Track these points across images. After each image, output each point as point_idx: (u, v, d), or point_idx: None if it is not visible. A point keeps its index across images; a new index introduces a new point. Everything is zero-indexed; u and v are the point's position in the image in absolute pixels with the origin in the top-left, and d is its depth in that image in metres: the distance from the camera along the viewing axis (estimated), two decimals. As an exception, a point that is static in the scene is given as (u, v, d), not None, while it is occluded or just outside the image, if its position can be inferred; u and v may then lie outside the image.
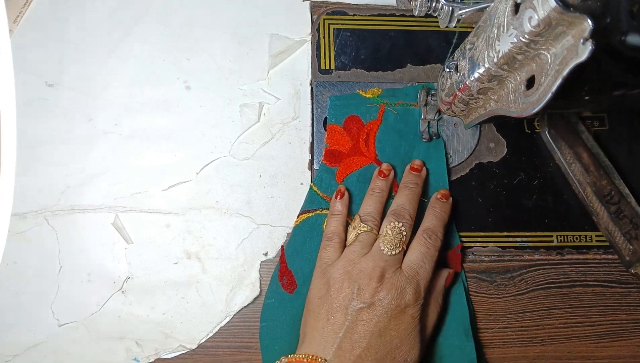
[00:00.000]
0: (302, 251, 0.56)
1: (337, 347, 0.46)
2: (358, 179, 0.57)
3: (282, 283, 0.55)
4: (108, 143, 0.58)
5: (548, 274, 0.58)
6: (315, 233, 0.56)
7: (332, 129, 0.58)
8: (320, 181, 0.57)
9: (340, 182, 0.57)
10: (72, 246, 0.56)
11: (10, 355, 0.54)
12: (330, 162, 0.57)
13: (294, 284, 0.55)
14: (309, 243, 0.56)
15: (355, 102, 0.59)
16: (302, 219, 0.57)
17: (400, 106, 0.59)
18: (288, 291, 0.55)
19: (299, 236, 0.56)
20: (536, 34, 0.33)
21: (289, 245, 0.56)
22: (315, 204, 0.57)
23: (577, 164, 0.57)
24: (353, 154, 0.58)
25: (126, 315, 0.55)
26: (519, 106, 0.38)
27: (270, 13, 0.60)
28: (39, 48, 0.59)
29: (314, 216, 0.57)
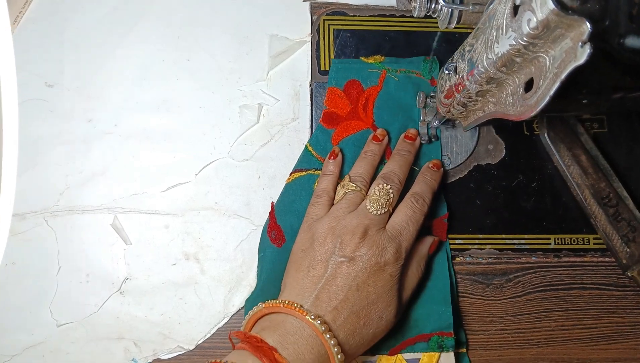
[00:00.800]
0: (291, 208, 0.57)
1: (314, 297, 0.47)
2: (354, 144, 0.58)
3: (271, 237, 0.56)
4: (107, 144, 0.58)
5: (545, 276, 0.58)
6: (306, 192, 0.57)
7: (332, 92, 0.59)
8: (316, 142, 0.58)
9: (336, 145, 0.58)
10: (71, 247, 0.56)
11: (9, 355, 0.54)
12: (328, 124, 0.58)
13: (282, 239, 0.56)
14: (298, 201, 0.57)
15: (357, 67, 0.59)
16: (294, 177, 0.58)
17: (402, 73, 0.59)
18: (276, 245, 0.56)
19: (290, 193, 0.57)
20: (535, 37, 0.33)
21: (279, 202, 0.57)
22: (308, 164, 0.58)
23: (576, 167, 0.57)
24: (351, 118, 0.58)
25: (124, 316, 0.55)
26: (518, 109, 0.38)
27: (270, 13, 0.60)
28: (39, 48, 0.59)
29: (306, 175, 0.58)
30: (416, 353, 0.54)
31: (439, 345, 0.54)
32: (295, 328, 0.45)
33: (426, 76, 0.59)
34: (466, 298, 0.57)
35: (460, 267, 0.58)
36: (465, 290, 0.57)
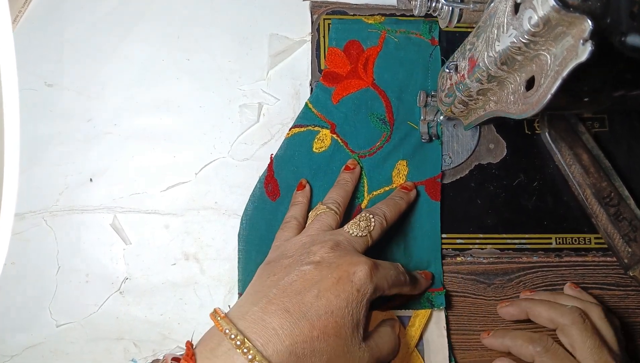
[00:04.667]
0: (289, 163, 0.57)
1: (267, 300, 0.42)
2: (354, 102, 0.58)
3: (267, 190, 0.57)
4: (107, 143, 0.58)
5: (546, 276, 0.58)
6: (305, 148, 0.58)
7: (332, 52, 0.59)
8: (316, 100, 0.58)
9: (336, 103, 0.58)
10: (71, 247, 0.56)
11: (8, 356, 0.54)
12: (328, 82, 0.59)
13: (277, 193, 0.57)
14: (297, 157, 0.57)
15: (357, 27, 0.60)
16: (293, 132, 0.58)
17: (402, 33, 0.60)
18: (271, 198, 0.57)
19: (289, 148, 0.58)
20: (536, 35, 0.33)
21: (277, 155, 0.58)
22: (308, 120, 0.58)
23: (577, 166, 0.57)
24: (351, 78, 0.59)
25: (124, 316, 0.55)
26: (519, 107, 0.38)
27: (270, 13, 0.60)
28: (39, 48, 0.59)
29: (305, 131, 0.58)
30: (408, 311, 0.55)
31: (430, 302, 0.55)
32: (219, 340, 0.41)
33: (426, 36, 0.60)
34: (467, 298, 0.57)
35: (461, 267, 0.57)
36: (466, 289, 0.57)
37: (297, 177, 0.57)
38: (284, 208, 0.55)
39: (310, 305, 0.42)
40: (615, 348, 0.51)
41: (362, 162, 0.58)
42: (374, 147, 0.58)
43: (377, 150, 0.58)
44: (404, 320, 0.55)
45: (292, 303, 0.42)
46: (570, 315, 0.51)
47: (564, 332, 0.51)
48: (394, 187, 0.57)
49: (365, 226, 0.49)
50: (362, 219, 0.49)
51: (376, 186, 0.57)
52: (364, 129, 0.58)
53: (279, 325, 0.41)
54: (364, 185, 0.57)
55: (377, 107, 0.58)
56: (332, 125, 0.58)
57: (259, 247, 0.55)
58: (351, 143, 0.58)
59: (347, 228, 0.49)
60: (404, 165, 0.58)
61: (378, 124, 0.58)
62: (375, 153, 0.58)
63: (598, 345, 0.49)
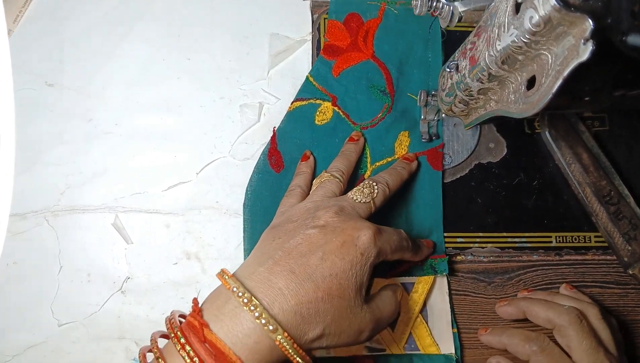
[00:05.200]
0: (292, 136, 0.58)
1: (273, 262, 0.43)
2: (354, 75, 0.59)
3: (271, 162, 0.57)
4: (108, 143, 0.58)
5: (546, 275, 0.58)
6: (307, 121, 0.58)
7: (332, 25, 0.59)
8: (317, 73, 0.59)
9: (337, 76, 0.59)
10: (72, 247, 0.56)
11: (10, 355, 0.54)
12: (328, 55, 0.59)
13: (281, 165, 0.57)
14: (299, 130, 0.58)
15: (356, 0, 0.60)
16: (295, 106, 0.59)
17: (401, 5, 0.60)
18: (275, 170, 0.57)
19: (291, 121, 0.58)
20: (537, 34, 0.33)
21: (280, 128, 0.58)
22: (309, 93, 0.59)
23: (577, 165, 0.57)
24: (351, 50, 0.59)
25: (126, 315, 0.55)
26: (520, 107, 0.38)
27: (270, 12, 0.60)
28: (39, 48, 0.59)
29: (307, 104, 0.59)
30: (411, 277, 0.56)
31: (433, 268, 0.56)
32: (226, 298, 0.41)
33: None
34: (468, 296, 0.57)
35: (461, 265, 0.58)
36: (466, 288, 0.57)
37: (300, 149, 0.58)
38: (287, 179, 0.56)
39: (315, 267, 0.43)
40: (612, 349, 0.51)
41: (364, 134, 0.58)
42: (376, 118, 0.59)
43: (379, 121, 0.59)
44: (407, 287, 0.56)
45: (298, 264, 0.43)
46: (567, 315, 0.51)
47: (560, 333, 0.52)
48: (396, 158, 0.58)
49: (369, 193, 0.49)
50: (366, 187, 0.50)
51: (379, 157, 0.58)
52: (365, 101, 0.59)
53: (284, 285, 0.41)
54: (367, 156, 0.58)
55: (377, 79, 0.59)
56: (334, 98, 0.59)
57: (264, 217, 0.56)
58: (352, 115, 0.59)
59: (351, 195, 0.49)
60: (406, 136, 0.59)
61: (379, 96, 0.59)
62: (377, 125, 0.59)
63: (594, 346, 0.50)
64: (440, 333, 0.56)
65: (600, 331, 0.52)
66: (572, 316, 0.51)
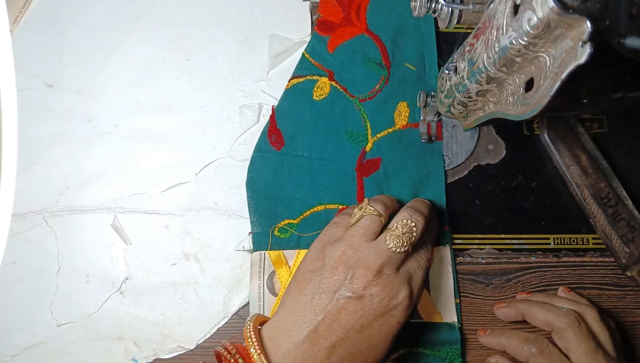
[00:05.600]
0: (291, 113, 0.59)
1: (312, 329, 0.45)
2: (349, 49, 0.60)
3: (271, 140, 0.58)
4: (107, 144, 0.58)
5: (544, 276, 0.58)
6: (305, 97, 0.59)
7: (325, 1, 0.60)
8: (312, 49, 0.60)
9: (332, 51, 0.59)
10: (71, 247, 0.56)
11: (9, 355, 0.54)
12: (323, 31, 0.60)
13: (281, 142, 0.58)
14: (298, 107, 0.59)
15: None
16: (292, 83, 0.59)
17: None
18: (275, 148, 0.58)
19: (289, 99, 0.59)
20: (535, 36, 0.33)
21: (279, 106, 0.59)
22: (306, 70, 0.59)
23: (575, 167, 0.57)
24: (345, 25, 0.60)
25: (125, 316, 0.55)
26: (518, 109, 0.38)
27: (270, 13, 0.61)
28: (39, 48, 0.59)
29: (304, 81, 0.59)
30: None
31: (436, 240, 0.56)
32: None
33: None
34: (466, 298, 0.57)
35: (460, 267, 0.58)
36: (465, 289, 0.57)
37: (300, 125, 0.58)
38: (289, 156, 0.58)
39: (354, 340, 0.45)
40: (611, 351, 0.51)
41: (363, 106, 0.59)
42: (374, 90, 0.59)
43: (377, 93, 0.59)
44: None
45: (338, 337, 0.45)
46: (566, 318, 0.51)
47: (559, 335, 0.52)
48: (397, 128, 0.59)
49: (408, 239, 0.47)
50: (405, 232, 0.47)
51: (379, 128, 0.59)
52: (362, 74, 0.59)
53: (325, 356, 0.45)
54: (367, 128, 0.59)
55: (372, 52, 0.60)
56: (330, 73, 0.59)
57: (267, 193, 0.57)
58: (350, 88, 0.59)
59: (390, 242, 0.47)
60: (405, 106, 0.59)
61: (375, 68, 0.59)
62: (375, 96, 0.59)
63: (593, 349, 0.50)
64: (443, 303, 0.56)
65: (598, 333, 0.52)
66: (570, 318, 0.51)
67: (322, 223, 0.56)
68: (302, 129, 0.58)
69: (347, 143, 0.58)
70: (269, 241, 0.56)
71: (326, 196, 0.58)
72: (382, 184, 0.58)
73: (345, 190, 0.58)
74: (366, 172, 0.58)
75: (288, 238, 0.57)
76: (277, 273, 0.56)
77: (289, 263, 0.56)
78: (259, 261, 0.56)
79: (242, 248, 0.57)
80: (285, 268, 0.56)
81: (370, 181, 0.58)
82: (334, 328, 0.45)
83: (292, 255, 0.56)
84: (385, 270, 0.46)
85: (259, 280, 0.56)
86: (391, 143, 0.58)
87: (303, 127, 0.58)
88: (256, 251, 0.56)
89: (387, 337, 0.46)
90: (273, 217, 0.57)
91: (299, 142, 0.58)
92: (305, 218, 0.57)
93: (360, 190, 0.58)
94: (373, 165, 0.58)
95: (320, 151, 0.58)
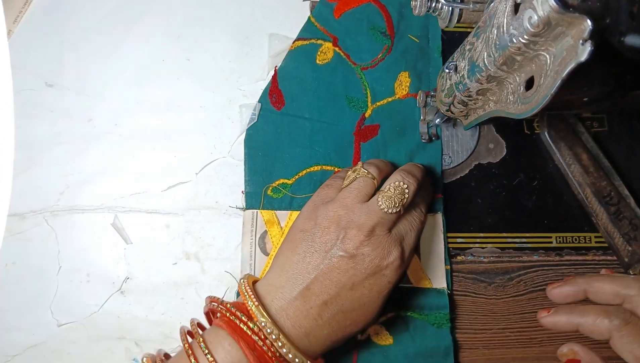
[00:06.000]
0: (293, 74, 0.59)
1: (305, 287, 0.45)
2: (355, 17, 0.60)
3: (272, 100, 0.58)
4: (107, 143, 0.58)
5: (547, 275, 0.58)
6: (308, 60, 0.60)
7: None
8: (319, 14, 0.60)
9: (338, 17, 0.60)
10: (72, 247, 0.56)
11: (10, 355, 0.54)
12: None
13: (282, 102, 0.58)
14: (300, 68, 0.59)
15: None
16: (296, 45, 0.60)
17: None
18: (276, 107, 0.59)
19: (292, 60, 0.60)
20: (535, 35, 0.33)
21: (281, 67, 0.59)
22: (311, 33, 0.60)
23: (577, 165, 0.57)
24: None
25: (125, 316, 0.55)
26: (518, 107, 0.38)
27: (270, 13, 0.60)
28: (39, 48, 0.59)
29: (308, 44, 0.60)
30: None
31: None
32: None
33: None
34: (468, 297, 0.57)
35: (461, 266, 0.57)
36: (466, 288, 0.57)
37: (302, 87, 0.59)
38: (289, 117, 0.58)
39: (345, 298, 0.45)
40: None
41: (364, 74, 0.59)
42: (376, 59, 0.60)
43: (379, 62, 0.59)
44: None
45: (329, 295, 0.45)
46: (637, 282, 0.48)
47: (633, 303, 0.48)
48: (397, 98, 0.59)
49: (400, 201, 0.47)
50: (397, 193, 0.48)
51: (379, 97, 0.59)
52: (366, 42, 0.60)
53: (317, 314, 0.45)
54: (367, 96, 0.59)
55: (378, 21, 0.60)
56: (334, 38, 0.60)
57: (265, 151, 0.58)
58: (353, 56, 0.60)
59: (382, 203, 0.47)
60: (406, 76, 0.59)
61: (379, 37, 0.60)
62: (377, 65, 0.59)
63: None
64: (433, 270, 0.56)
65: None
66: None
67: (316, 184, 0.56)
68: (303, 92, 0.59)
69: (346, 108, 0.59)
70: (262, 200, 0.57)
71: (323, 157, 0.58)
72: (379, 150, 0.58)
73: (342, 153, 0.58)
74: (364, 137, 0.58)
75: (281, 198, 0.57)
76: (269, 233, 0.56)
77: (281, 224, 0.56)
78: (252, 220, 0.57)
79: (234, 206, 0.57)
80: (278, 229, 0.56)
81: (367, 146, 0.58)
82: (325, 286, 0.45)
83: (284, 216, 0.57)
84: (377, 231, 0.46)
85: (250, 238, 0.56)
86: (390, 111, 0.59)
87: (304, 89, 0.59)
88: (248, 209, 0.57)
89: (378, 296, 0.46)
90: (268, 176, 0.57)
91: (300, 103, 0.59)
92: (300, 178, 0.57)
93: (357, 154, 0.58)
94: (371, 131, 0.59)
95: (320, 114, 0.59)
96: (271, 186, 0.57)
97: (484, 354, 0.56)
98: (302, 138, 0.58)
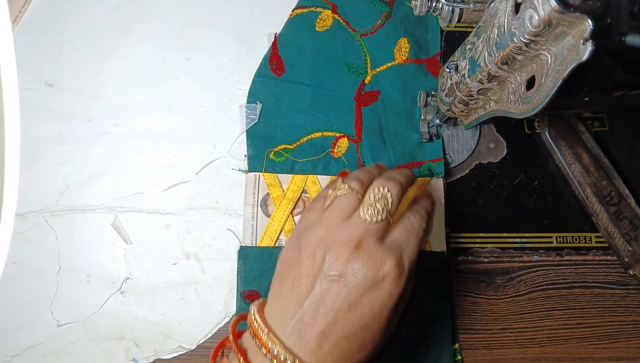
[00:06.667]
0: (293, 41, 0.60)
1: (297, 319, 0.41)
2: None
3: (272, 67, 0.59)
4: (107, 143, 0.58)
5: (547, 275, 0.58)
6: (307, 28, 0.60)
7: None
8: None
9: None
10: (72, 247, 0.56)
11: (10, 356, 0.54)
12: None
13: (282, 69, 0.59)
14: (300, 35, 0.60)
15: None
16: (296, 13, 0.61)
17: None
18: (276, 74, 0.59)
19: (292, 27, 0.60)
20: (536, 34, 0.33)
21: (281, 34, 0.60)
22: (310, 2, 0.61)
23: (577, 165, 0.57)
24: None
25: (125, 316, 0.55)
26: (519, 107, 0.38)
27: (270, 13, 0.61)
28: (39, 48, 0.59)
29: (308, 12, 0.60)
30: None
31: (430, 170, 0.58)
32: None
33: None
34: (468, 297, 0.57)
35: (462, 266, 0.57)
36: (467, 288, 0.57)
37: (301, 54, 0.59)
38: (288, 83, 0.59)
39: (344, 322, 0.41)
40: None
41: (364, 40, 0.60)
42: (375, 25, 0.60)
43: (378, 28, 0.60)
44: None
45: (326, 323, 0.41)
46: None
47: None
48: (396, 63, 0.60)
49: (383, 206, 0.43)
50: (379, 198, 0.44)
51: (379, 62, 0.60)
52: (365, 9, 0.61)
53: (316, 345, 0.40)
54: (367, 62, 0.60)
55: None
56: (334, 6, 0.60)
57: (265, 118, 0.58)
58: (352, 23, 0.60)
59: (363, 214, 0.43)
60: (406, 42, 0.60)
61: (378, 4, 0.61)
62: (376, 31, 0.60)
63: None
64: (434, 233, 0.57)
65: None
66: None
67: (317, 149, 0.57)
68: (303, 58, 0.60)
69: (346, 74, 0.59)
70: (264, 163, 0.57)
71: (324, 123, 0.58)
72: (379, 115, 0.59)
73: (343, 118, 0.59)
74: (364, 102, 0.59)
75: (283, 161, 0.58)
76: (271, 195, 0.57)
77: (283, 187, 0.57)
78: (254, 182, 0.57)
79: (236, 168, 0.58)
80: (279, 191, 0.57)
81: (368, 110, 0.59)
82: (320, 314, 0.41)
83: (286, 179, 0.57)
84: (364, 243, 0.42)
85: (253, 200, 0.57)
86: (390, 76, 0.60)
87: (304, 56, 0.59)
88: (251, 172, 0.57)
89: (381, 312, 0.41)
90: (269, 141, 0.58)
91: (300, 70, 0.59)
92: (301, 144, 0.58)
93: (359, 119, 0.59)
94: (372, 97, 0.59)
95: (320, 80, 0.59)
96: (273, 151, 0.58)
97: (484, 354, 0.56)
98: (302, 104, 0.59)
